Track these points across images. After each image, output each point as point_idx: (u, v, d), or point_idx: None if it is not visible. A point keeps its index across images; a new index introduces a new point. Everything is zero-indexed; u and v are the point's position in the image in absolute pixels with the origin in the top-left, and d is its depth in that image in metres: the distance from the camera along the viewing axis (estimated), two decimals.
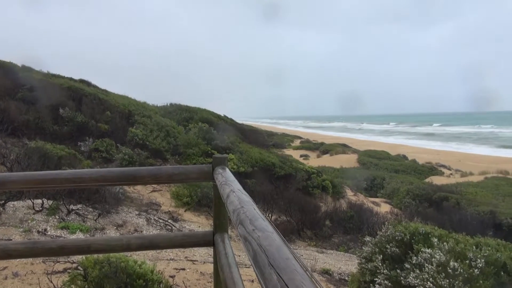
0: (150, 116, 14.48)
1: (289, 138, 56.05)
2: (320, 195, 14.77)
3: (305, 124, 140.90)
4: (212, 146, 13.88)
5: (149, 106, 18.76)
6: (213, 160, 2.61)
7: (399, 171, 28.38)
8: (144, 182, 2.75)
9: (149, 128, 13.14)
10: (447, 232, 5.24)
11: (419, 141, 63.34)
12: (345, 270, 7.19)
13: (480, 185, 22.87)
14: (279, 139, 49.68)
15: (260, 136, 33.80)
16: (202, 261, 5.95)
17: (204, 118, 18.44)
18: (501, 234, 11.64)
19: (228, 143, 15.12)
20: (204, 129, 15.41)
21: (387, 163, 31.00)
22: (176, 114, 18.46)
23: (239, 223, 1.40)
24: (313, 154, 38.25)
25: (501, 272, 4.37)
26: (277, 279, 0.91)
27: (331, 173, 22.78)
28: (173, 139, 13.23)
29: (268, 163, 14.42)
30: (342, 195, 15.92)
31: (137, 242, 2.68)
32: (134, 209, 8.30)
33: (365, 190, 21.13)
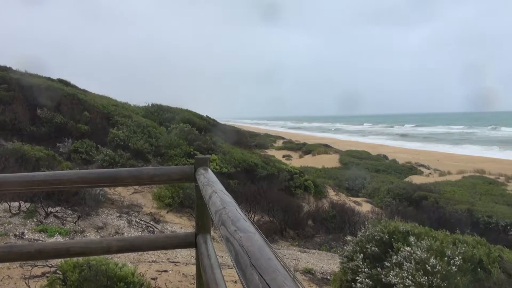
0: (131, 116, 14.30)
1: (272, 138, 56.20)
2: (303, 195, 14.86)
3: (283, 125, 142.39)
4: (195, 147, 13.80)
5: (130, 106, 18.52)
6: (195, 161, 2.60)
7: (380, 170, 28.82)
8: (125, 184, 2.72)
9: (131, 129, 12.97)
10: (427, 230, 5.35)
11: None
12: (328, 269, 7.25)
13: (457, 184, 23.42)
14: (261, 139, 49.76)
15: (243, 136, 33.79)
16: (184, 263, 5.91)
17: (186, 119, 18.31)
18: (478, 231, 11.96)
19: (211, 143, 15.06)
20: (186, 129, 15.30)
21: (368, 163, 31.44)
22: (157, 115, 18.27)
23: (221, 224, 1.40)
24: (295, 154, 38.46)
25: (478, 268, 4.49)
26: (259, 279, 0.91)
27: (313, 173, 22.96)
28: (154, 140, 13.09)
29: (250, 163, 14.42)
30: (324, 195, 16.05)
31: (117, 244, 2.64)
32: (115, 211, 8.18)
33: (346, 190, 21.36)
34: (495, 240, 8.26)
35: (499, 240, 9.61)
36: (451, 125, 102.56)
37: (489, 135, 71.94)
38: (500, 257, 4.89)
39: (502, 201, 19.30)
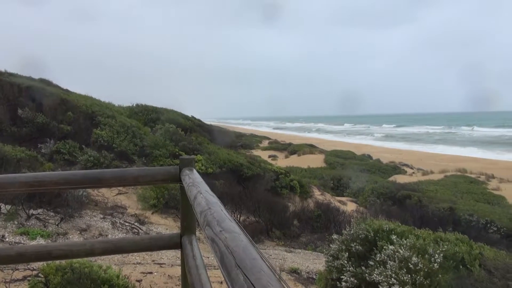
0: (115, 117, 14.12)
1: (258, 139, 56.25)
2: (288, 195, 14.92)
3: (267, 125, 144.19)
4: (180, 147, 13.71)
5: (114, 106, 18.29)
6: (180, 162, 2.59)
7: (365, 170, 29.11)
8: (109, 185, 2.70)
9: (115, 129, 12.81)
10: (411, 228, 5.44)
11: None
12: (313, 268, 7.29)
13: (440, 183, 23.83)
14: (247, 139, 49.76)
15: (229, 137, 33.73)
16: (170, 264, 5.88)
17: (171, 119, 18.18)
18: (459, 229, 12.18)
19: (196, 144, 14.99)
20: (171, 130, 15.20)
21: (353, 163, 31.72)
22: (142, 115, 18.10)
23: (206, 225, 1.40)
24: (281, 154, 38.56)
25: (460, 265, 4.58)
26: (243, 280, 0.92)
27: (298, 173, 23.06)
28: (139, 141, 12.96)
29: (236, 164, 14.41)
30: (310, 195, 16.14)
31: (101, 246, 2.61)
32: (99, 213, 8.07)
33: (332, 190, 21.51)
34: (476, 237, 8.43)
35: (480, 237, 9.83)
36: (432, 126, 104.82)
37: (464, 135, 74.04)
38: (481, 254, 5.00)
39: (482, 200, 19.74)
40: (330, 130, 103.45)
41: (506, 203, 19.56)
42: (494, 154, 44.01)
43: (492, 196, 20.70)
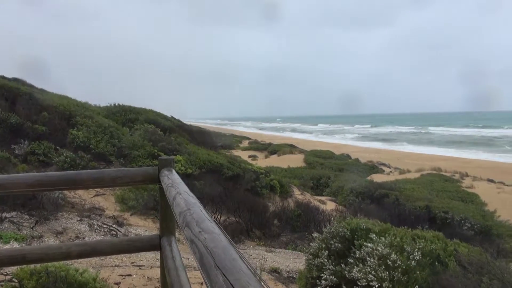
0: (92, 117, 13.85)
1: (238, 139, 56.22)
2: (269, 195, 14.96)
3: (245, 125, 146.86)
4: (159, 148, 13.56)
5: (91, 106, 17.94)
6: (159, 162, 2.56)
7: (344, 170, 29.46)
8: (86, 186, 2.64)
9: (92, 129, 12.56)
10: (388, 226, 5.54)
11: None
12: (293, 267, 7.34)
13: (416, 181, 24.35)
14: (227, 139, 49.65)
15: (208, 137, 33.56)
16: (149, 266, 5.80)
17: (150, 119, 17.96)
18: (435, 226, 12.50)
19: (176, 144, 14.86)
20: (150, 130, 15.01)
21: (332, 162, 32.05)
22: (120, 115, 17.80)
23: (186, 226, 1.38)
24: (261, 154, 38.65)
25: (436, 262, 4.69)
26: (223, 280, 0.91)
27: (279, 173, 23.14)
28: (117, 141, 12.75)
29: (216, 164, 14.35)
30: (290, 195, 16.23)
31: (78, 249, 2.55)
32: (76, 215, 7.89)
33: (311, 189, 21.69)
34: (451, 234, 8.65)
35: (454, 234, 10.07)
36: (405, 126, 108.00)
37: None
38: (456, 250, 5.13)
39: (457, 197, 20.28)
40: (305, 130, 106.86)
41: (479, 200, 20.17)
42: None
43: (466, 194, 21.30)
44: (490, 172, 29.02)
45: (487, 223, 14.73)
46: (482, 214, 16.52)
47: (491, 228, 14.40)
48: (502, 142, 57.75)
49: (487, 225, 14.44)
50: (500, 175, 27.63)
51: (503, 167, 33.73)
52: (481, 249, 5.97)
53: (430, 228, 8.14)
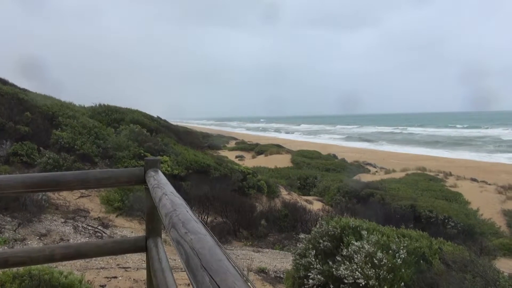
0: (77, 117, 13.65)
1: (225, 139, 56.12)
2: (256, 195, 14.96)
3: (231, 125, 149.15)
4: (145, 149, 13.43)
5: (75, 106, 17.68)
6: (145, 163, 2.54)
7: (330, 169, 29.65)
8: (70, 188, 2.60)
9: (76, 130, 12.37)
10: (375, 225, 5.60)
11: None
12: (281, 267, 7.35)
13: (401, 181, 24.65)
14: (214, 140, 49.52)
15: (195, 137, 33.42)
16: (135, 268, 5.74)
17: (135, 120, 17.78)
18: (420, 225, 12.68)
19: (162, 145, 14.74)
20: (136, 130, 14.87)
21: (319, 162, 32.22)
22: (105, 115, 17.58)
23: (172, 227, 1.37)
24: (248, 154, 38.64)
25: (421, 260, 4.76)
26: (209, 281, 0.91)
27: (266, 173, 23.17)
28: (102, 142, 12.58)
29: (203, 164, 14.29)
30: (277, 195, 16.27)
31: (62, 252, 2.51)
32: (60, 217, 7.77)
33: (298, 189, 21.76)
34: (436, 233, 8.78)
35: (439, 233, 10.23)
36: (387, 126, 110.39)
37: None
38: (440, 249, 5.22)
39: (441, 196, 20.59)
40: (288, 130, 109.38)
41: (462, 199, 20.52)
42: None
43: (450, 193, 21.64)
44: (473, 171, 29.60)
45: (470, 222, 15.01)
46: (466, 212, 16.82)
47: (474, 227, 14.68)
48: (480, 142, 59.07)
49: (470, 224, 14.71)
50: (483, 174, 28.20)
51: (485, 166, 34.43)
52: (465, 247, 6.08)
53: (415, 227, 8.26)
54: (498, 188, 21.88)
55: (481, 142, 59.33)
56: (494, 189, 21.96)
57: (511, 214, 17.90)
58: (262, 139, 59.11)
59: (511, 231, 16.42)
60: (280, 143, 47.40)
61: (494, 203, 19.79)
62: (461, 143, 58.52)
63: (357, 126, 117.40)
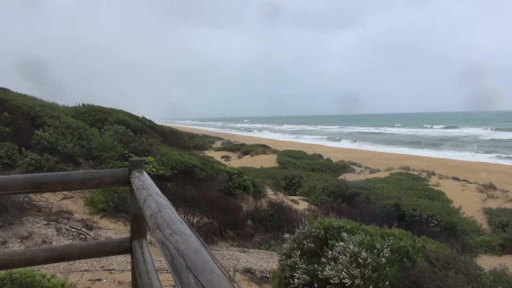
0: (60, 117, 13.42)
1: (211, 139, 55.94)
2: (242, 195, 14.95)
3: (213, 125, 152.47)
4: (130, 149, 13.29)
5: (58, 107, 17.39)
6: (129, 164, 2.51)
7: (316, 169, 29.83)
8: (52, 189, 2.55)
9: (59, 130, 12.16)
10: (359, 224, 5.65)
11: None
12: (267, 267, 7.36)
13: (386, 180, 24.94)
14: (200, 140, 49.32)
15: (181, 138, 33.23)
16: (120, 270, 5.68)
17: (120, 120, 17.59)
18: (404, 224, 12.86)
19: (147, 145, 14.62)
20: (121, 131, 14.70)
21: (305, 162, 32.39)
22: (89, 116, 17.34)
23: (156, 228, 1.36)
24: (234, 155, 38.59)
25: (405, 258, 4.82)
26: (194, 282, 0.91)
27: (252, 173, 23.18)
28: (86, 142, 12.41)
29: (189, 165, 14.21)
30: (263, 195, 16.29)
31: (44, 254, 2.47)
32: (42, 219, 7.62)
33: (284, 189, 21.83)
34: (419, 231, 8.93)
35: (422, 231, 10.41)
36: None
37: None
38: (423, 247, 5.30)
39: (424, 195, 20.93)
40: (272, 130, 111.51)
41: (445, 198, 20.90)
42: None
43: (433, 191, 22.01)
44: (455, 171, 30.18)
45: (453, 220, 15.29)
46: (448, 211, 17.13)
47: (456, 225, 14.97)
48: (450, 143, 60.48)
49: (452, 222, 14.99)
50: (464, 173, 28.78)
51: (466, 166, 35.15)
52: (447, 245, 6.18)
53: (399, 226, 8.38)
54: (479, 187, 22.34)
55: (446, 142, 60.99)
56: (475, 188, 22.41)
57: (491, 212, 18.31)
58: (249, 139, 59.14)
59: (491, 229, 16.80)
60: (266, 143, 47.50)
61: (475, 201, 20.21)
62: (437, 143, 59.73)
63: (338, 126, 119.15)
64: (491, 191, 21.35)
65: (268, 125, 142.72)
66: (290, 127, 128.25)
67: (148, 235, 3.00)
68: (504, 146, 51.39)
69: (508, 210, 18.07)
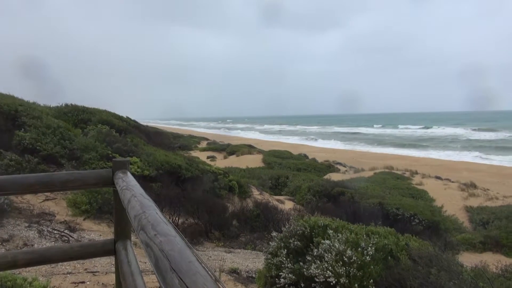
0: (41, 117, 13.16)
1: (196, 139, 55.68)
2: (227, 196, 14.92)
3: (197, 125, 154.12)
4: (114, 149, 13.12)
5: (40, 106, 17.04)
6: (113, 164, 2.48)
7: (301, 169, 29.97)
8: (33, 191, 2.50)
9: (40, 131, 11.92)
10: (344, 223, 5.70)
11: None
12: (253, 267, 7.37)
13: (370, 179, 25.22)
14: (185, 140, 49.03)
15: (166, 138, 32.97)
16: (104, 272, 5.61)
17: (104, 120, 17.34)
18: (388, 222, 13.02)
19: (131, 146, 14.45)
20: (104, 131, 14.50)
21: (290, 162, 32.50)
22: (71, 116, 17.04)
23: (141, 229, 1.35)
24: (219, 155, 38.51)
25: (389, 257, 4.88)
26: (179, 283, 0.90)
27: (237, 174, 23.15)
28: (68, 143, 12.19)
29: (174, 165, 14.11)
30: (249, 195, 16.28)
31: (25, 257, 2.42)
32: (23, 221, 7.47)
33: (270, 189, 21.86)
34: (403, 229, 9.03)
35: (406, 229, 10.55)
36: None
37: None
38: (407, 245, 5.37)
39: (408, 194, 21.24)
40: (252, 130, 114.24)
41: (427, 196, 21.26)
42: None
43: (416, 190, 22.36)
44: (437, 170, 30.74)
45: (435, 218, 15.55)
46: (431, 209, 17.41)
47: (438, 223, 15.22)
48: (427, 143, 61.91)
49: (435, 220, 15.24)
50: (447, 172, 29.34)
51: (448, 165, 35.84)
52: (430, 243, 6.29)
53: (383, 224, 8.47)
54: (461, 186, 22.79)
55: (437, 142, 62.36)
56: (457, 187, 22.86)
57: (472, 210, 18.70)
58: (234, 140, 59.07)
59: (472, 227, 17.16)
60: (252, 143, 47.51)
61: (457, 200, 20.61)
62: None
63: (318, 127, 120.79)
64: (472, 190, 21.81)
65: (250, 125, 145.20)
66: (269, 127, 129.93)
67: (133, 237, 2.97)
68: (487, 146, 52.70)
69: (489, 208, 18.50)
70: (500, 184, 25.66)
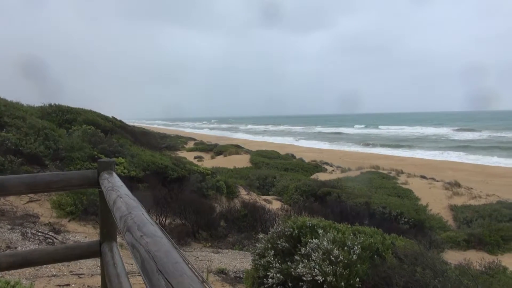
0: (25, 117, 12.92)
1: (183, 140, 55.38)
2: (215, 196, 14.87)
3: (182, 125, 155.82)
4: (99, 150, 12.96)
5: (23, 106, 16.72)
6: (98, 165, 2.45)
7: (289, 169, 30.06)
8: (16, 192, 2.46)
9: (23, 131, 11.70)
10: (331, 223, 5.74)
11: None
12: (240, 268, 7.35)
13: (357, 179, 25.44)
14: (172, 141, 48.72)
15: (152, 138, 32.70)
16: (89, 274, 5.53)
17: (89, 120, 17.12)
18: (374, 221, 13.15)
19: (117, 146, 14.30)
20: (89, 131, 14.31)
21: (277, 162, 32.57)
22: (56, 116, 16.77)
23: (127, 230, 1.33)
24: (207, 155, 38.38)
25: (375, 255, 4.93)
26: (165, 285, 0.89)
27: (225, 174, 23.11)
28: (53, 143, 11.99)
29: (161, 165, 14.01)
30: (236, 195, 16.26)
31: (7, 260, 2.37)
32: (6, 223, 7.32)
33: (257, 189, 21.87)
34: (389, 228, 9.14)
35: (392, 228, 10.67)
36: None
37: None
38: (393, 244, 5.44)
39: (393, 193, 21.48)
40: (236, 130, 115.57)
41: (413, 195, 21.53)
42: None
43: (402, 190, 22.62)
44: (422, 169, 31.18)
45: (420, 217, 15.77)
46: (416, 208, 17.65)
47: (424, 222, 15.44)
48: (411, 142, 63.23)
49: (420, 219, 15.46)
50: (431, 171, 29.79)
51: (433, 164, 36.39)
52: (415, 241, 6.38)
53: (369, 223, 8.56)
54: (445, 185, 23.15)
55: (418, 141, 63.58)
56: (442, 186, 23.21)
57: (457, 209, 19.02)
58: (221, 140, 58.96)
59: (457, 225, 17.46)
60: (239, 144, 47.48)
61: (441, 198, 20.93)
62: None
63: (302, 127, 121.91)
64: (456, 189, 22.17)
65: (235, 125, 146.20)
66: (252, 127, 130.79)
67: (119, 238, 2.94)
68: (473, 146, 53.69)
69: (472, 206, 18.84)
70: (483, 183, 26.17)
